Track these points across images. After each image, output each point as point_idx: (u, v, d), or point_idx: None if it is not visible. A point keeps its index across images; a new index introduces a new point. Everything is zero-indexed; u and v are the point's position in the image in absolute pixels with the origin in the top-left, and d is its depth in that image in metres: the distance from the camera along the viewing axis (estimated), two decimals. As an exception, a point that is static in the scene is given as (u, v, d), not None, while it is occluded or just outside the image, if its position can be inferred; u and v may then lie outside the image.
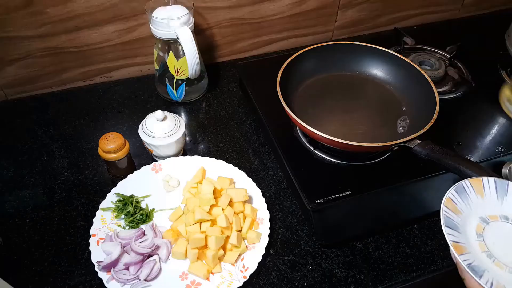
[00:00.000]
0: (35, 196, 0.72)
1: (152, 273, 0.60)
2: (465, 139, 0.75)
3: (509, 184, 0.61)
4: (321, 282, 0.63)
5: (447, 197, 0.57)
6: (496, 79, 0.89)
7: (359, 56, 0.81)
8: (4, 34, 0.80)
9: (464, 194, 0.59)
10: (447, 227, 0.55)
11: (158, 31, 0.78)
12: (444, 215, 0.55)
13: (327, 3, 0.99)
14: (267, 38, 1.01)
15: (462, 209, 0.58)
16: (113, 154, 0.70)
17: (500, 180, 0.61)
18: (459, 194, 0.59)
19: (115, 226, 0.66)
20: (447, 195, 0.58)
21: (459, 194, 0.59)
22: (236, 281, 0.60)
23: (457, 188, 0.59)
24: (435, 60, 0.87)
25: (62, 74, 0.90)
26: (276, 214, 0.71)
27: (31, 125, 0.84)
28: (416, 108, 0.74)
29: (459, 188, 0.59)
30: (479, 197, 0.60)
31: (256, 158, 0.80)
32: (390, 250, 0.67)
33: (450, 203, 0.58)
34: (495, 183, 0.61)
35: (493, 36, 0.94)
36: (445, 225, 0.54)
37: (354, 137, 0.68)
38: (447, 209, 0.57)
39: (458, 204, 0.58)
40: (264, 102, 0.80)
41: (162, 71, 0.88)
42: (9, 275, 0.61)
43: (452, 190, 0.58)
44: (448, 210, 0.57)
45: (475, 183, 0.60)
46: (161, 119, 0.72)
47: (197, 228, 0.63)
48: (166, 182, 0.72)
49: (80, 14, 0.82)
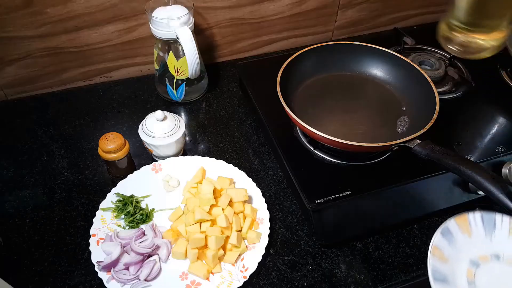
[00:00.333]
0: (35, 196, 0.72)
1: (152, 273, 0.60)
2: (465, 139, 0.75)
3: (496, 217, 0.59)
4: (321, 282, 0.63)
5: (433, 245, 0.55)
6: (496, 79, 0.89)
7: (359, 56, 0.81)
8: (4, 34, 0.80)
9: (451, 236, 0.57)
10: (436, 281, 0.52)
11: (158, 31, 0.78)
12: (431, 267, 0.53)
13: (327, 3, 0.99)
14: (267, 38, 1.01)
15: (450, 256, 0.56)
16: (113, 154, 0.70)
17: (487, 213, 0.59)
18: (446, 238, 0.56)
19: (115, 226, 0.66)
20: (433, 242, 0.55)
21: (445, 238, 0.56)
22: (236, 281, 0.60)
23: (443, 230, 0.57)
24: (435, 60, 0.87)
25: (62, 74, 0.90)
26: (276, 214, 0.71)
27: (31, 125, 0.84)
28: (416, 108, 0.74)
29: (445, 231, 0.57)
30: (466, 236, 0.57)
31: (256, 158, 0.80)
32: (390, 250, 0.67)
33: (437, 251, 0.55)
34: (482, 218, 0.59)
35: (493, 36, 0.94)
36: (433, 279, 0.52)
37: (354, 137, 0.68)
38: (434, 259, 0.54)
39: (445, 251, 0.56)
40: (264, 102, 0.80)
41: (162, 71, 0.88)
42: (9, 275, 0.61)
43: (438, 234, 0.56)
44: (435, 262, 0.54)
45: (461, 221, 0.58)
46: (161, 119, 0.72)
47: (197, 228, 0.63)
48: (166, 182, 0.72)
49: (80, 14, 0.82)
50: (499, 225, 0.59)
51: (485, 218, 0.59)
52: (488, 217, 0.59)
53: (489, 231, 0.58)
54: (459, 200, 0.70)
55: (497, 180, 0.54)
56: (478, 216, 0.59)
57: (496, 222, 0.59)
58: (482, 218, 0.59)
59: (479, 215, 0.59)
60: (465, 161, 0.57)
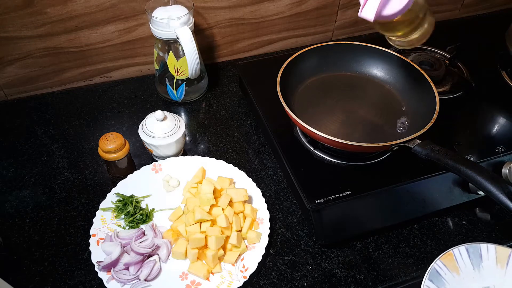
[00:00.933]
0: (35, 196, 0.72)
1: (152, 273, 0.60)
2: (465, 139, 0.75)
3: (481, 248, 0.57)
4: (321, 282, 0.63)
5: None
6: (496, 79, 0.89)
7: (359, 56, 0.81)
8: (4, 34, 0.80)
9: (440, 279, 0.55)
10: None
11: (158, 31, 0.78)
12: None
13: (327, 3, 0.99)
14: (267, 38, 1.01)
15: None
16: (113, 154, 0.70)
17: (471, 246, 0.57)
18: (435, 283, 0.55)
19: (115, 226, 0.66)
20: None
21: (434, 282, 0.55)
22: (236, 281, 0.60)
23: (431, 275, 0.55)
24: (435, 60, 0.87)
25: (62, 74, 0.90)
26: (276, 214, 0.71)
27: (31, 125, 0.84)
28: (416, 108, 0.74)
29: (433, 274, 0.55)
30: (455, 274, 0.56)
31: (256, 158, 0.80)
32: (390, 250, 0.67)
33: None
34: (467, 251, 0.57)
35: (493, 36, 0.94)
36: None
37: (354, 137, 0.68)
38: None
39: None
40: (264, 102, 0.80)
41: (162, 71, 0.88)
42: (9, 275, 0.61)
43: (427, 280, 0.54)
44: None
45: (447, 260, 0.56)
46: (161, 119, 0.72)
47: (197, 228, 0.63)
48: (166, 182, 0.72)
49: (80, 14, 0.82)
50: (485, 255, 0.57)
51: (470, 250, 0.57)
52: (473, 249, 0.57)
53: (477, 264, 0.57)
54: (459, 200, 0.70)
55: (497, 180, 0.54)
56: (463, 250, 0.57)
57: (482, 252, 0.57)
58: (468, 252, 0.57)
59: (464, 249, 0.57)
60: (465, 161, 0.57)
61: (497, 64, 0.91)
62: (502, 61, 0.91)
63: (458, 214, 0.72)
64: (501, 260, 0.57)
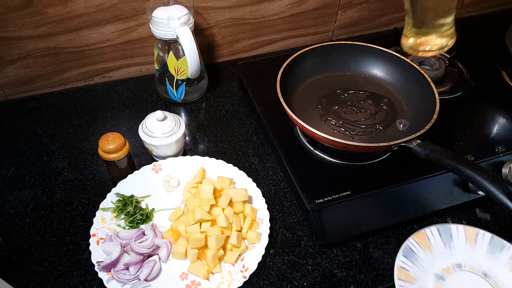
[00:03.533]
0: (35, 196, 0.72)
1: (152, 273, 0.60)
2: (465, 139, 0.75)
3: (451, 228, 0.62)
4: (321, 282, 0.63)
5: (398, 267, 0.57)
6: (496, 79, 0.89)
7: (359, 56, 0.81)
8: (4, 34, 0.80)
9: (413, 255, 0.59)
10: None
11: (158, 31, 0.78)
12: None
13: (327, 3, 0.99)
14: (267, 38, 1.01)
15: (416, 274, 0.58)
16: (113, 154, 0.70)
17: (442, 226, 0.62)
18: (408, 258, 0.59)
19: (115, 226, 0.66)
20: (396, 264, 0.57)
21: (408, 257, 0.59)
22: (236, 281, 0.60)
23: (404, 251, 0.59)
24: (435, 60, 0.87)
25: (62, 74, 0.90)
26: (276, 214, 0.71)
27: (31, 125, 0.84)
28: (416, 108, 0.74)
29: (406, 251, 0.59)
30: (428, 252, 0.60)
31: (256, 158, 0.80)
32: (390, 250, 0.67)
33: (403, 273, 0.57)
34: (438, 231, 0.61)
35: (493, 36, 0.94)
36: None
37: (354, 137, 0.68)
38: (402, 282, 0.56)
39: (410, 270, 0.58)
40: (264, 102, 0.80)
41: (162, 71, 0.88)
42: (9, 275, 0.61)
43: (400, 255, 0.58)
44: (403, 283, 0.56)
45: (420, 239, 0.60)
46: (161, 119, 0.72)
47: (197, 228, 0.63)
48: (166, 182, 0.72)
49: (80, 14, 0.82)
50: (455, 235, 0.62)
51: (441, 230, 0.62)
52: (444, 229, 0.62)
53: (448, 243, 0.61)
54: (459, 200, 0.70)
55: (497, 180, 0.54)
56: (434, 230, 0.62)
57: (452, 232, 0.62)
58: (439, 231, 0.62)
59: (435, 229, 0.62)
60: (465, 161, 0.57)
61: (497, 64, 0.91)
62: (502, 61, 0.91)
63: (458, 214, 0.72)
64: (470, 239, 0.62)
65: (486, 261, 0.60)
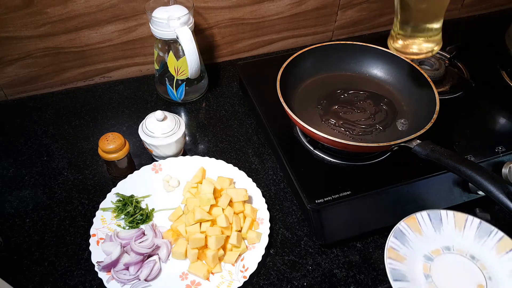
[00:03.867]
0: (35, 196, 0.72)
1: (152, 273, 0.60)
2: (465, 139, 0.75)
3: (441, 213, 0.64)
4: (321, 282, 0.63)
5: (388, 247, 0.60)
6: (496, 79, 0.89)
7: (359, 56, 0.81)
8: (4, 34, 0.80)
9: (403, 237, 0.62)
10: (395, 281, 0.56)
11: (158, 31, 0.78)
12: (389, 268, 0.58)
13: (327, 3, 0.99)
14: (267, 38, 1.01)
15: (406, 254, 0.60)
16: (113, 154, 0.70)
17: (432, 211, 0.64)
18: (399, 239, 0.61)
19: (115, 226, 0.66)
20: (387, 244, 0.60)
21: (398, 239, 0.61)
22: (236, 281, 0.60)
23: (395, 233, 0.62)
24: (435, 60, 0.87)
25: (62, 74, 0.90)
26: (276, 214, 0.71)
27: (31, 125, 0.84)
28: (416, 108, 0.74)
29: (397, 233, 0.62)
30: (418, 235, 0.63)
31: (256, 158, 0.80)
32: (390, 250, 0.67)
33: (393, 252, 0.60)
34: (429, 216, 0.64)
35: (493, 36, 0.94)
36: (393, 279, 0.56)
37: (354, 137, 0.68)
38: (391, 260, 0.59)
39: (400, 251, 0.61)
40: (264, 102, 0.80)
41: (162, 71, 0.88)
42: (9, 275, 0.61)
43: (391, 237, 0.61)
44: (392, 261, 0.59)
45: (411, 222, 0.63)
46: (161, 119, 0.72)
47: (197, 228, 0.63)
48: (166, 182, 0.72)
49: (80, 14, 0.82)
50: (445, 220, 0.64)
51: (431, 215, 0.64)
52: (434, 214, 0.64)
53: (437, 227, 0.64)
54: (459, 200, 0.70)
55: (497, 180, 0.54)
56: (425, 215, 0.64)
57: (442, 217, 0.64)
58: (429, 216, 0.64)
59: (425, 214, 0.64)
60: (465, 161, 0.57)
61: (497, 64, 0.91)
62: (502, 61, 0.91)
63: (458, 214, 0.72)
64: (459, 224, 0.64)
65: (474, 245, 0.62)
